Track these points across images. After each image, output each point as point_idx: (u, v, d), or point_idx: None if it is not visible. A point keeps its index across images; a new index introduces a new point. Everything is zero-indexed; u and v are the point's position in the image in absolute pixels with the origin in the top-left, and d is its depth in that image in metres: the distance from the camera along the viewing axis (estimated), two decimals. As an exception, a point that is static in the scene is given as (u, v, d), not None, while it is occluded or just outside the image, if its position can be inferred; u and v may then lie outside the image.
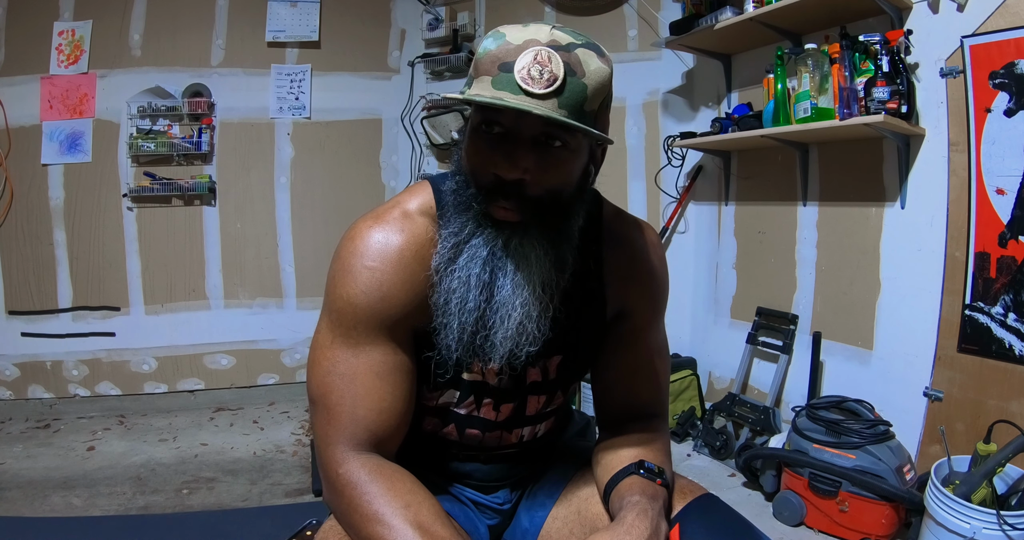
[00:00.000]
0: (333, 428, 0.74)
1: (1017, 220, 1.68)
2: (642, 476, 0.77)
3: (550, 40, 0.67)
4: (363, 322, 0.74)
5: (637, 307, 0.88)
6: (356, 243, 0.75)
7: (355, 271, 0.74)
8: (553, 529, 0.88)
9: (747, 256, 2.56)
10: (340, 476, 0.72)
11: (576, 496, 0.89)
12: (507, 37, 0.68)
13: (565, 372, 0.87)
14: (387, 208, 0.79)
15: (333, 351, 0.75)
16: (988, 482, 1.46)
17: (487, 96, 0.66)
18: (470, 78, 0.72)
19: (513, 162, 0.68)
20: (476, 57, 0.70)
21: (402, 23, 3.30)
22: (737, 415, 2.28)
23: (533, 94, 0.65)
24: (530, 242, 0.72)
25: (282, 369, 3.17)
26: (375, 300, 0.73)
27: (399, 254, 0.75)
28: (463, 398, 0.84)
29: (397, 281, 0.74)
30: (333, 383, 0.74)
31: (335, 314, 0.75)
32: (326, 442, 0.74)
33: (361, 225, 0.77)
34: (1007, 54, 1.66)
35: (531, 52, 0.66)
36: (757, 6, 2.13)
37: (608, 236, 0.86)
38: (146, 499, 2.07)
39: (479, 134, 0.71)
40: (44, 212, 2.90)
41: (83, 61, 2.87)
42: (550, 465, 0.96)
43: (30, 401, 2.92)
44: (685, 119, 2.73)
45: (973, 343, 1.78)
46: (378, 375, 0.74)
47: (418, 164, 3.32)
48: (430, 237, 0.76)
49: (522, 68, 0.65)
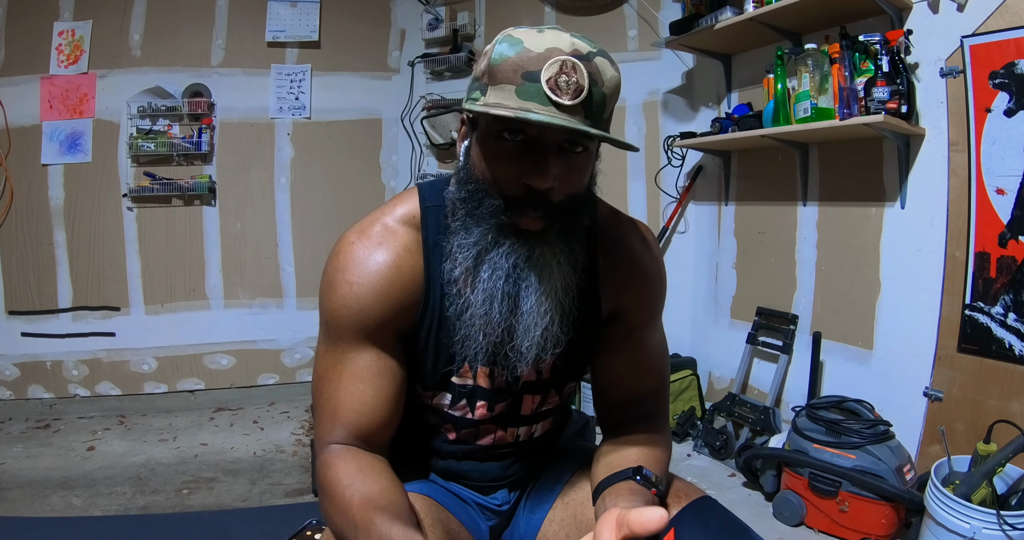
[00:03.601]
0: (320, 428, 0.79)
1: (1017, 220, 1.68)
2: (638, 483, 0.76)
3: (573, 49, 0.67)
4: (345, 332, 0.78)
5: (633, 307, 0.87)
6: (339, 259, 0.79)
7: (336, 285, 0.78)
8: (550, 532, 0.88)
9: (747, 256, 2.56)
10: (317, 467, 0.78)
11: (573, 499, 0.89)
12: (525, 44, 0.67)
13: (559, 371, 0.87)
14: (370, 222, 0.81)
15: (325, 358, 0.80)
16: (988, 482, 1.46)
17: (513, 106, 0.66)
18: (483, 85, 0.70)
19: (544, 172, 0.68)
20: (491, 63, 0.68)
21: (402, 23, 3.31)
22: (737, 415, 2.28)
23: (562, 105, 0.66)
24: (551, 249, 0.73)
25: (282, 369, 3.17)
26: (354, 312, 0.77)
27: (376, 268, 0.78)
28: (455, 401, 0.85)
29: (373, 294, 0.77)
30: (322, 387, 0.79)
31: (323, 325, 0.81)
32: (317, 439, 0.80)
33: (344, 241, 0.80)
34: (1007, 54, 1.66)
35: (556, 62, 0.66)
36: (757, 6, 2.13)
37: (602, 236, 0.86)
38: (146, 499, 2.07)
39: (500, 142, 0.70)
40: (44, 212, 2.90)
41: (83, 61, 2.87)
42: (548, 466, 0.96)
43: (30, 401, 2.92)
44: (685, 119, 2.73)
45: (973, 343, 1.78)
46: (360, 380, 0.77)
47: (418, 164, 3.32)
48: (409, 247, 0.80)
49: (549, 78, 0.66)
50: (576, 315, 0.78)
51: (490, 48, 0.70)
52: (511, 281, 0.72)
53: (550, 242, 0.73)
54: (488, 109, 0.67)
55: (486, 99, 0.69)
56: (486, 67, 0.69)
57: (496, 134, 0.70)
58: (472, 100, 0.71)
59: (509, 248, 0.72)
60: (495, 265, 0.72)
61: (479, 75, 0.71)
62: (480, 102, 0.70)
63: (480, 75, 0.71)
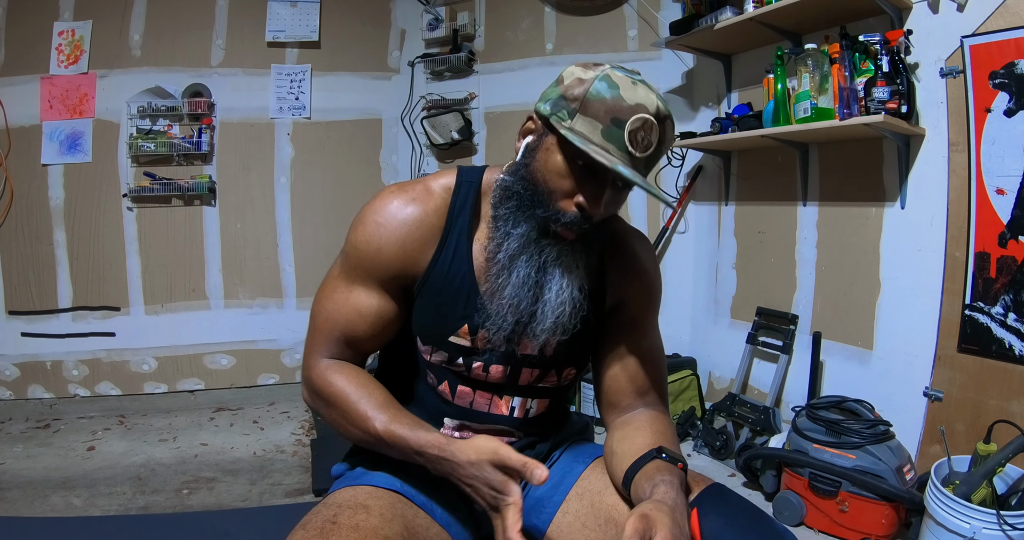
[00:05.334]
0: (313, 340, 0.90)
1: (1017, 220, 1.68)
2: (664, 460, 0.81)
3: (656, 111, 0.77)
4: (360, 266, 0.87)
5: (634, 299, 0.96)
6: (376, 202, 0.89)
7: (366, 222, 0.87)
8: (564, 523, 0.89)
9: (747, 256, 2.56)
10: (312, 379, 0.89)
11: (588, 491, 0.90)
12: (621, 92, 0.76)
13: (561, 353, 0.92)
14: (414, 182, 0.91)
15: (335, 281, 0.90)
16: (988, 482, 1.46)
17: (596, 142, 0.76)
18: (572, 109, 0.77)
19: (598, 204, 0.79)
20: (588, 96, 0.76)
21: (402, 23, 3.31)
22: (737, 415, 2.28)
23: (634, 157, 0.77)
24: (574, 254, 0.84)
25: (282, 369, 3.17)
26: (373, 249, 0.86)
27: (405, 219, 0.87)
28: (452, 359, 0.90)
29: (395, 240, 0.86)
30: (324, 306, 0.90)
31: (344, 253, 0.90)
32: (307, 351, 0.90)
33: (386, 190, 0.90)
34: (1007, 54, 1.66)
35: (640, 119, 0.76)
36: (757, 6, 2.13)
37: (610, 237, 0.95)
38: (146, 499, 2.07)
39: (571, 162, 0.79)
40: (44, 212, 2.90)
41: (83, 61, 2.87)
42: (554, 464, 0.97)
43: (30, 401, 2.92)
44: (685, 119, 2.73)
45: (973, 343, 1.78)
46: (359, 313, 0.88)
47: (418, 164, 3.32)
48: (438, 209, 0.89)
49: (633, 130, 0.76)
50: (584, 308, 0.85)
51: (589, 78, 0.78)
52: (541, 273, 0.83)
53: (575, 250, 0.84)
54: (580, 142, 0.75)
55: (573, 124, 0.77)
56: (581, 95, 0.77)
57: (571, 155, 0.78)
58: (558, 117, 0.79)
59: (546, 247, 0.82)
60: (531, 257, 0.82)
61: (571, 98, 0.78)
62: (566, 124, 0.78)
63: (572, 98, 0.78)
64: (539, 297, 0.83)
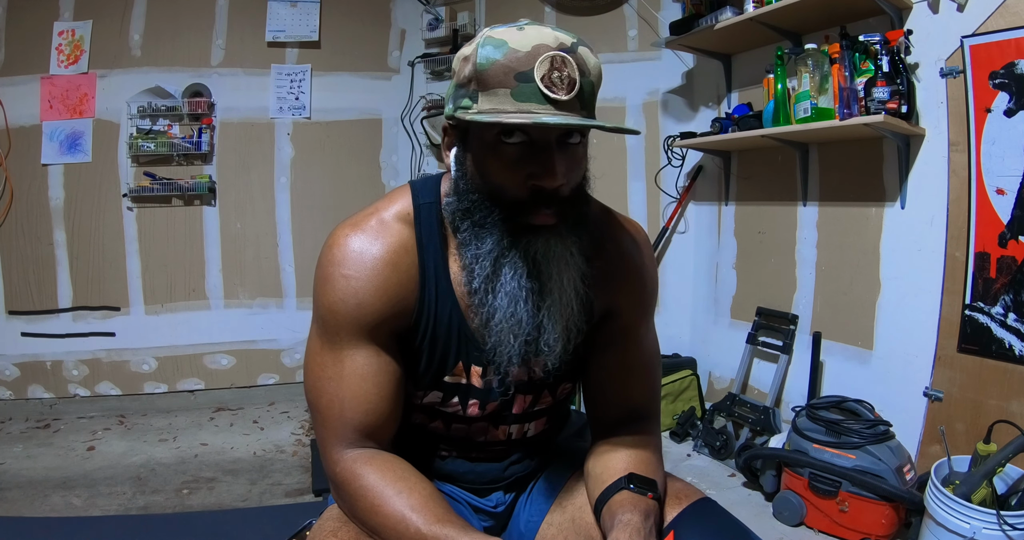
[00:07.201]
0: (327, 430, 0.77)
1: (1017, 220, 1.68)
2: (632, 491, 0.76)
3: (558, 43, 0.67)
4: (343, 328, 0.76)
5: (625, 306, 0.86)
6: (334, 251, 0.78)
7: (333, 279, 0.76)
8: (548, 536, 0.88)
9: (747, 256, 2.56)
10: (337, 474, 0.76)
11: (571, 503, 0.88)
12: (510, 44, 0.66)
13: (549, 372, 0.85)
14: (365, 215, 0.80)
15: (322, 356, 0.78)
16: (988, 482, 1.46)
17: (511, 110, 0.65)
18: (472, 92, 0.68)
19: (552, 172, 0.68)
20: (478, 68, 0.67)
21: (402, 23, 3.30)
22: (737, 415, 2.28)
23: (559, 102, 0.65)
24: (563, 241, 0.73)
25: (282, 369, 3.17)
26: (352, 307, 0.75)
27: (373, 262, 0.76)
28: (447, 399, 0.85)
29: (371, 288, 0.76)
30: (323, 387, 0.77)
31: (319, 321, 0.79)
32: (323, 444, 0.78)
33: (339, 233, 0.79)
34: (1007, 54, 1.66)
35: (546, 59, 0.65)
36: (757, 6, 2.13)
37: (594, 235, 0.84)
38: (146, 499, 2.07)
39: (500, 147, 0.69)
40: (44, 212, 2.90)
41: (83, 61, 2.87)
42: (545, 467, 0.96)
43: (30, 401, 2.92)
44: (685, 119, 2.73)
45: (973, 343, 1.78)
46: (362, 378, 0.76)
47: (418, 164, 3.32)
48: (405, 244, 0.78)
49: (543, 76, 0.65)
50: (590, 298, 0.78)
51: (471, 52, 0.68)
52: (533, 277, 0.73)
53: (562, 235, 0.73)
54: (489, 117, 0.65)
55: (479, 106, 0.67)
56: (472, 72, 0.68)
57: (494, 139, 0.69)
58: (462, 108, 0.69)
59: (526, 246, 0.72)
60: (515, 266, 0.72)
61: (464, 81, 0.69)
62: (473, 110, 0.68)
63: (466, 81, 0.69)
64: (540, 305, 0.74)
